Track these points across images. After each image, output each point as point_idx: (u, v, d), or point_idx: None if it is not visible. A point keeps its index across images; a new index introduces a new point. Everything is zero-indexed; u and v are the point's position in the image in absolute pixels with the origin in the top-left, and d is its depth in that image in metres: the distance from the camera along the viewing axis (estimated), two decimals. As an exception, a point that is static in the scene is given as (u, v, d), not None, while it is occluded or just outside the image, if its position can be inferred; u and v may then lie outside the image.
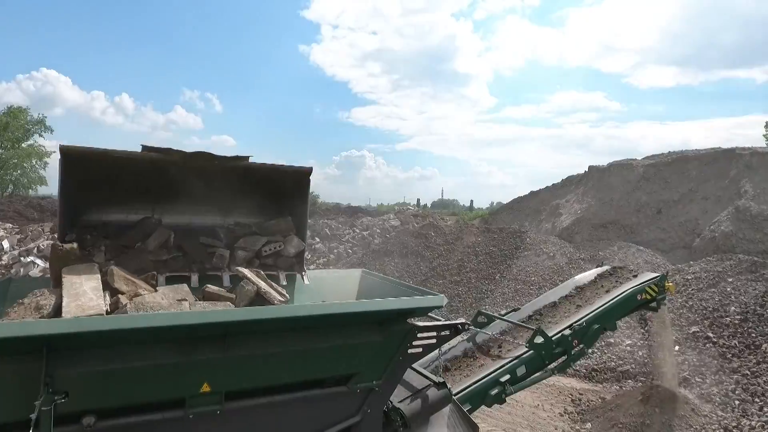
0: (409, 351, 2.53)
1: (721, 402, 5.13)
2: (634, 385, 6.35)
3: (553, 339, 3.49)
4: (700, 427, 4.53)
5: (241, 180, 2.77)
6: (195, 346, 1.96)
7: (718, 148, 15.17)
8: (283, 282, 2.90)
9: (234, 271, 2.64)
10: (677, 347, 6.97)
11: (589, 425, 5.16)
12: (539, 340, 3.42)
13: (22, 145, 31.98)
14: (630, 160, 16.44)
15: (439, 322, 2.66)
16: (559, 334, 3.57)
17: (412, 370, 2.92)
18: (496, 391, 3.18)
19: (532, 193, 19.02)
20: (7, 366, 1.68)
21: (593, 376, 7.05)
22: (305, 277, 3.04)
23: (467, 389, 3.15)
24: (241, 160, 2.60)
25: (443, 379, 2.85)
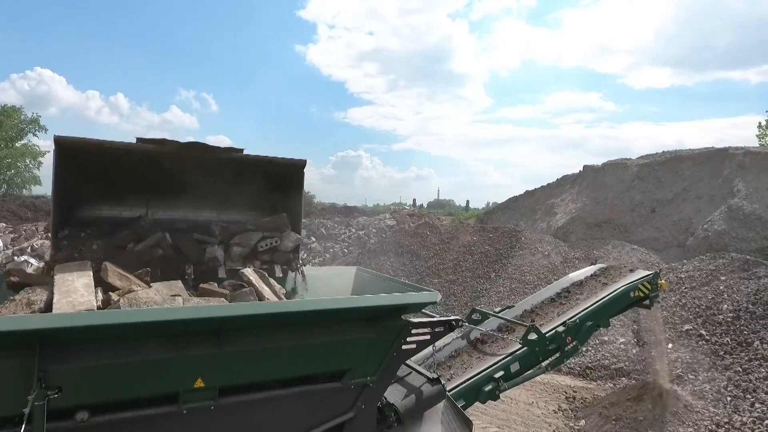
0: (403, 347, 2.54)
1: (713, 398, 5.18)
2: (628, 382, 6.40)
3: (546, 336, 3.52)
4: (692, 423, 4.57)
5: (235, 173, 2.77)
6: (189, 342, 1.96)
7: (712, 147, 15.30)
8: (279, 274, 2.90)
9: (230, 266, 2.63)
10: (670, 345, 7.04)
11: (583, 422, 5.20)
12: (533, 336, 3.45)
13: (16, 144, 31.68)
14: (624, 159, 16.55)
15: (433, 319, 2.68)
16: (553, 331, 3.60)
17: (406, 366, 2.93)
18: (489, 387, 3.20)
19: (528, 193, 19.09)
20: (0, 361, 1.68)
21: (587, 374, 7.10)
22: (302, 271, 3.04)
23: (461, 385, 3.16)
24: (236, 151, 2.60)
25: (437, 375, 2.86)
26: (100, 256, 2.45)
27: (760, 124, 21.53)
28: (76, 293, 2.10)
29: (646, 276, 4.43)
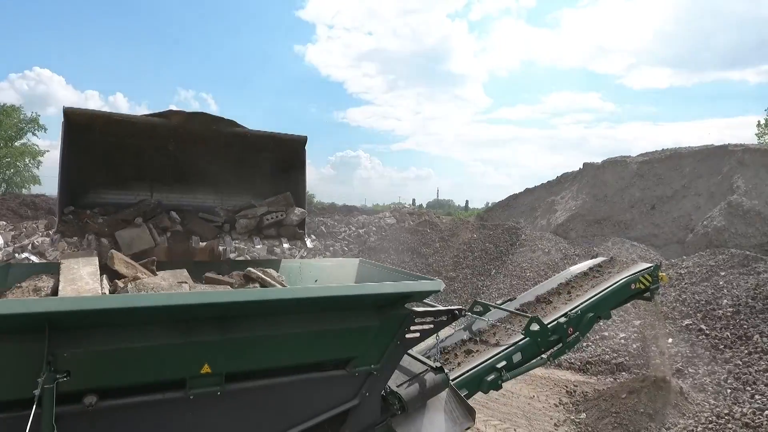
0: (406, 336, 2.56)
1: (713, 391, 5.21)
2: (629, 377, 6.42)
3: (548, 327, 3.54)
4: (692, 415, 4.59)
5: (238, 152, 2.78)
6: (195, 328, 1.97)
7: (711, 145, 15.33)
8: (286, 245, 2.91)
9: (236, 238, 2.65)
10: (670, 340, 7.06)
11: (583, 415, 5.22)
12: (535, 327, 3.47)
13: (15, 144, 31.64)
14: (624, 157, 16.57)
15: (437, 308, 2.70)
16: (555, 322, 3.62)
17: (409, 356, 2.95)
18: (492, 377, 3.21)
19: (528, 191, 19.12)
20: (10, 344, 1.69)
21: (587, 369, 7.11)
22: (308, 242, 3.06)
23: (464, 375, 3.18)
24: (239, 126, 2.62)
25: (441, 364, 2.88)
26: (106, 230, 2.47)
27: (759, 123, 21.54)
28: (81, 281, 2.11)
29: (647, 268, 4.45)
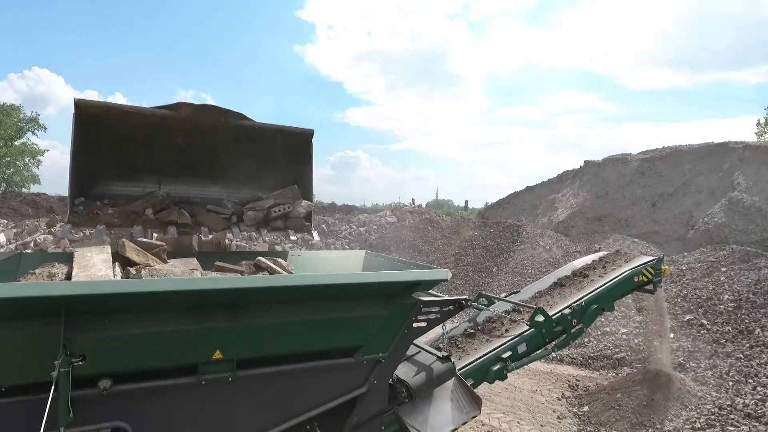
0: (414, 325, 2.59)
1: (715, 384, 5.24)
2: (630, 371, 6.45)
3: (553, 318, 3.56)
4: (695, 407, 4.62)
5: (246, 142, 2.80)
6: (207, 314, 2.00)
7: (711, 142, 15.34)
8: (293, 238, 2.93)
9: (245, 230, 2.67)
10: (672, 335, 7.09)
11: (586, 408, 5.25)
12: (540, 318, 3.49)
13: (15, 143, 31.63)
14: (625, 154, 16.58)
15: (443, 298, 2.72)
16: (559, 314, 3.64)
17: (416, 346, 2.98)
18: (497, 366, 3.24)
19: (528, 188, 19.14)
20: (28, 329, 1.72)
21: (590, 364, 7.15)
22: (315, 235, 3.08)
23: (470, 365, 3.21)
24: (247, 119, 2.65)
25: (447, 353, 2.91)
26: (116, 220, 2.50)
27: (759, 122, 21.52)
28: (94, 267, 2.14)
29: (650, 261, 4.48)
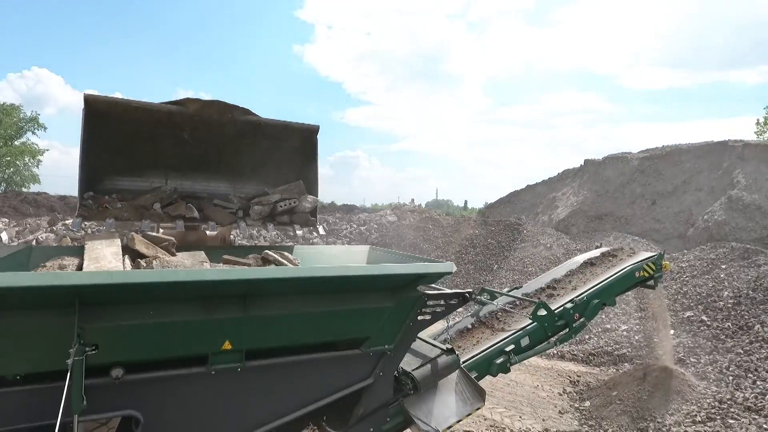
0: (419, 318, 2.62)
1: (715, 378, 5.28)
2: (631, 367, 6.50)
3: (555, 312, 3.60)
4: (695, 401, 4.66)
5: (252, 138, 2.83)
6: (218, 305, 2.03)
7: (711, 141, 15.40)
8: (299, 233, 2.96)
9: (251, 224, 2.70)
10: (672, 331, 7.13)
11: (587, 403, 5.29)
12: (542, 312, 3.53)
13: (15, 143, 31.62)
14: (625, 153, 16.63)
15: (448, 291, 2.75)
16: (561, 308, 3.68)
17: (420, 339, 3.01)
18: (501, 359, 3.28)
19: (529, 187, 19.20)
20: (42, 318, 1.75)
21: (590, 360, 7.19)
22: (321, 230, 3.11)
23: (474, 358, 3.24)
24: (254, 114, 2.68)
25: (451, 346, 2.94)
26: (125, 214, 2.53)
27: (758, 121, 21.57)
28: (104, 260, 2.17)
29: (651, 257, 4.52)
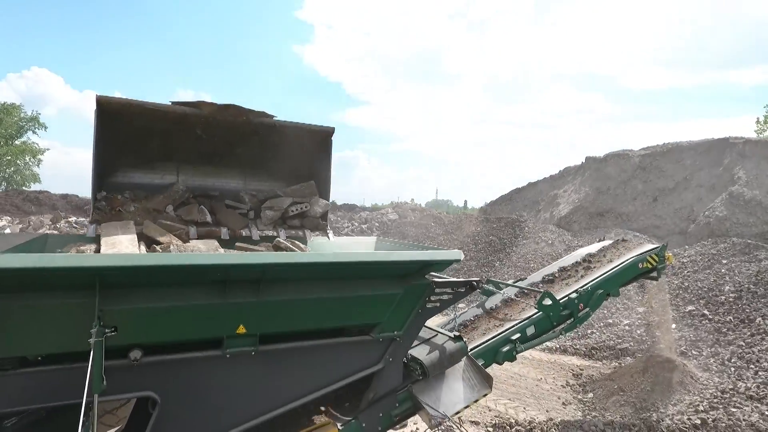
0: (427, 305, 2.67)
1: (717, 370, 5.33)
2: (633, 360, 6.54)
3: (560, 302, 3.64)
4: (697, 391, 4.71)
5: (265, 140, 2.85)
6: (232, 289, 2.07)
7: (712, 138, 15.43)
8: (311, 239, 3.00)
9: (262, 229, 2.74)
10: (674, 325, 7.18)
11: (591, 394, 5.34)
12: (547, 302, 3.57)
13: (16, 142, 31.66)
14: (626, 150, 16.66)
15: (456, 279, 2.79)
16: (566, 298, 3.72)
17: (428, 328, 3.05)
18: (507, 348, 3.32)
19: (530, 184, 19.23)
20: (64, 300, 1.79)
21: (593, 354, 7.23)
22: (331, 235, 3.15)
23: (480, 346, 3.29)
24: (268, 116, 2.70)
25: (459, 333, 2.98)
26: (138, 217, 2.56)
27: (758, 119, 21.62)
28: (121, 245, 2.21)
29: (654, 248, 4.56)
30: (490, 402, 4.98)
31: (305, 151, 3.04)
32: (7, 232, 9.89)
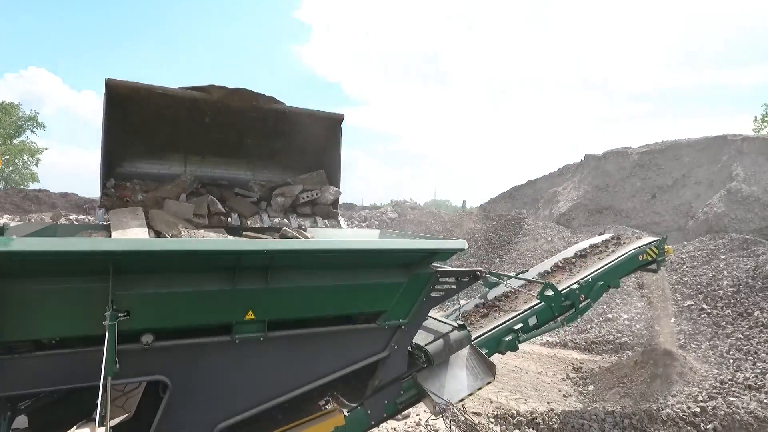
0: (432, 294, 2.70)
1: (716, 362, 5.38)
2: (632, 354, 6.59)
3: (561, 293, 3.68)
4: (696, 383, 4.76)
5: (274, 124, 2.85)
6: (241, 276, 2.11)
7: (710, 135, 15.50)
8: (322, 226, 3.01)
9: (273, 216, 2.76)
10: (673, 319, 7.24)
11: (591, 387, 5.39)
12: (549, 292, 3.62)
13: (14, 141, 31.57)
14: (625, 148, 16.73)
15: (459, 269, 2.83)
16: (568, 289, 3.77)
17: (432, 318, 3.09)
18: (510, 337, 3.36)
19: (530, 182, 19.29)
20: (77, 284, 1.82)
21: (592, 348, 7.29)
22: (342, 222, 3.16)
23: (483, 336, 3.33)
24: (278, 102, 2.71)
25: (463, 323, 3.02)
26: (146, 206, 2.59)
27: (756, 118, 21.73)
28: (131, 232, 2.24)
29: (654, 241, 4.61)
30: (492, 394, 5.02)
31: (315, 139, 3.03)
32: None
